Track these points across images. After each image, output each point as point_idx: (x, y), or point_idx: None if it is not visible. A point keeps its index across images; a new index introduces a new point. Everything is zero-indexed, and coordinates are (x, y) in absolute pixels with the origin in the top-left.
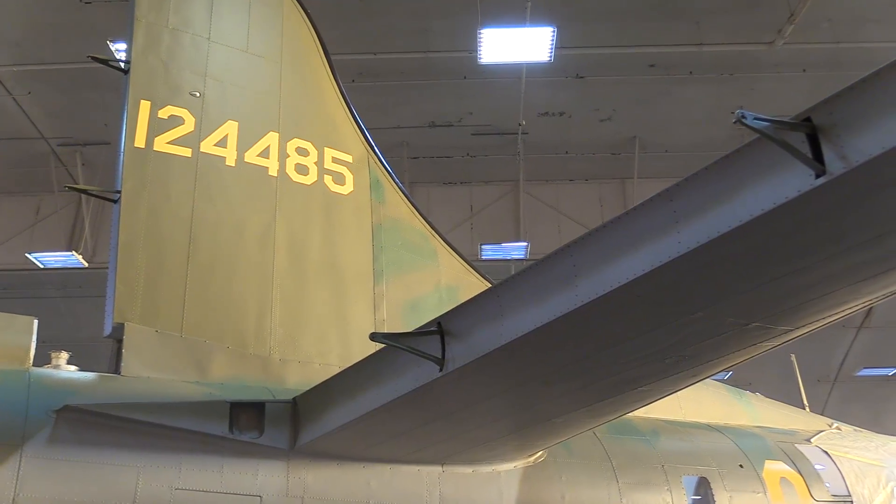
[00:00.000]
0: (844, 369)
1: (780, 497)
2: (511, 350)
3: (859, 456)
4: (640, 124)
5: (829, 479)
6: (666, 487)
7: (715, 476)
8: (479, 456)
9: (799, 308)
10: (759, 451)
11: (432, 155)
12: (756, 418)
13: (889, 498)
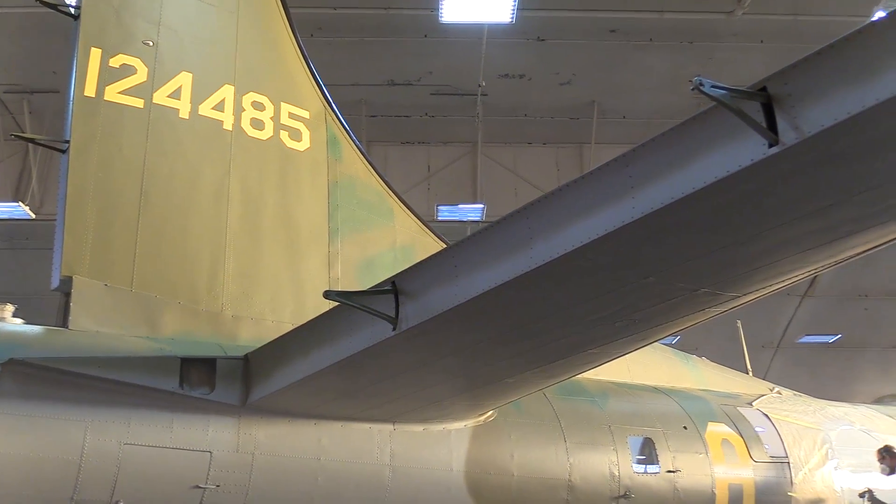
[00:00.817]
0: (787, 336)
1: (721, 458)
2: (465, 311)
3: (798, 419)
4: (599, 89)
5: (769, 441)
6: (612, 447)
7: (659, 437)
8: (430, 414)
9: (747, 275)
10: (703, 413)
11: (390, 114)
12: (701, 382)
13: (823, 459)
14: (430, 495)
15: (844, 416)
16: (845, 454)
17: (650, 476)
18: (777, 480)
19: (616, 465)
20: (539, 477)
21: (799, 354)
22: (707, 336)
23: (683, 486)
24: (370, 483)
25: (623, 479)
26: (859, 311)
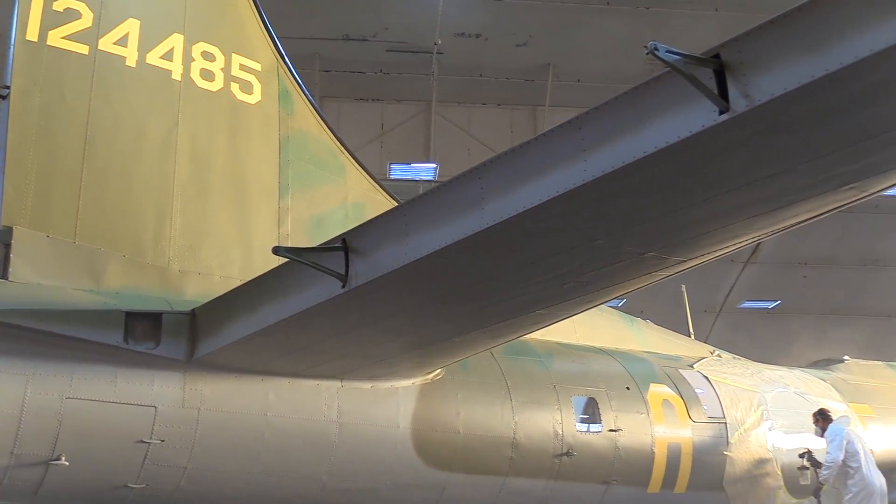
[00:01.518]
0: (729, 301)
1: (661, 418)
2: (415, 269)
3: (736, 382)
4: (555, 52)
5: (707, 403)
6: (556, 406)
7: (603, 397)
8: (378, 372)
9: (693, 240)
10: (646, 374)
11: (345, 69)
12: (645, 344)
13: (759, 420)
14: (376, 452)
15: (780, 380)
16: (779, 415)
17: (592, 435)
18: (714, 440)
19: (560, 424)
20: (484, 434)
21: (739, 319)
22: (652, 300)
23: (624, 445)
24: (317, 439)
25: (566, 438)
26: (798, 279)
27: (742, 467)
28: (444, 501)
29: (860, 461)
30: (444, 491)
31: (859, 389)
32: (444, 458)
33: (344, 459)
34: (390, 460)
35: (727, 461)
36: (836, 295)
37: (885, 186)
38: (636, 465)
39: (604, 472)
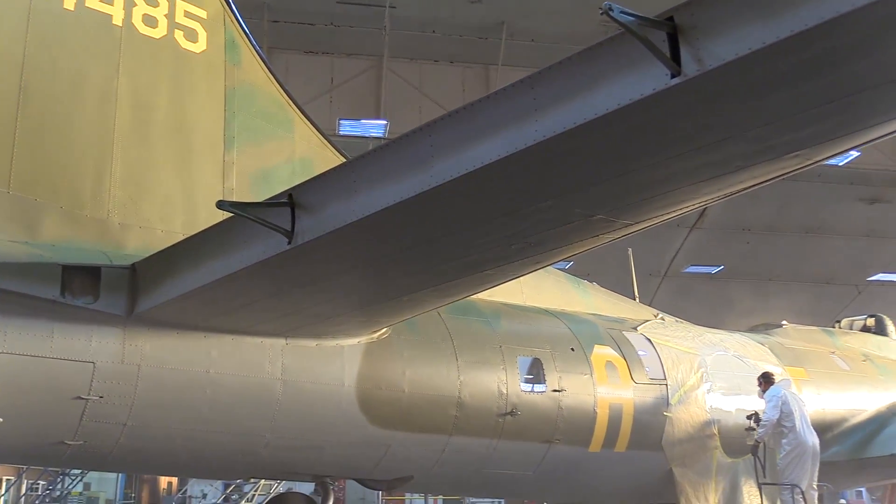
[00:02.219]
0: (674, 265)
1: (604, 379)
2: (362, 227)
3: (677, 344)
4: (509, 10)
5: (649, 364)
6: (502, 367)
7: (548, 357)
8: (323, 330)
9: (641, 204)
10: (590, 336)
11: (294, 20)
12: (590, 306)
13: (698, 382)
14: (321, 410)
15: (720, 343)
16: (718, 377)
17: (536, 395)
18: (654, 401)
19: (505, 384)
20: (429, 394)
21: (683, 283)
22: (599, 262)
23: (567, 405)
24: (261, 397)
25: (511, 397)
26: (742, 245)
27: (681, 428)
28: (389, 459)
29: (794, 421)
30: (388, 449)
31: (795, 354)
32: (388, 417)
33: (288, 417)
34: (335, 418)
35: (667, 422)
36: (777, 261)
37: (828, 155)
38: (578, 425)
39: (547, 432)
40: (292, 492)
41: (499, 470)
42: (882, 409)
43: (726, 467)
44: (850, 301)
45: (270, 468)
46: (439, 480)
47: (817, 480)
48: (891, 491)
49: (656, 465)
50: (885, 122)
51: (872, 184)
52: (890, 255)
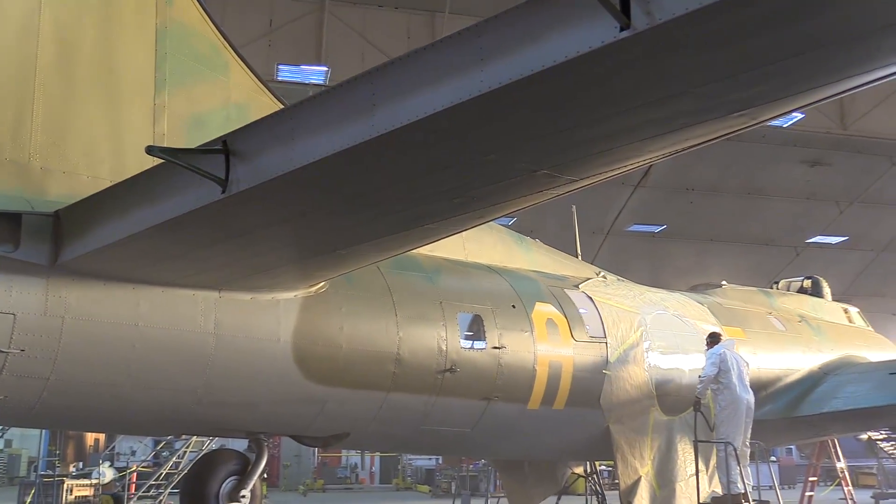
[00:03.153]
0: (617, 224)
1: (544, 336)
2: (300, 177)
3: (618, 303)
4: None
5: (590, 322)
6: (442, 323)
7: (488, 314)
8: (258, 283)
9: (586, 159)
10: (532, 293)
11: None
12: (533, 263)
13: (638, 340)
14: (255, 365)
15: (660, 302)
16: (658, 337)
17: (476, 352)
18: (594, 359)
19: (444, 340)
20: (367, 349)
21: (626, 242)
22: (542, 219)
23: (507, 362)
24: (192, 352)
25: (450, 354)
26: (685, 204)
27: (619, 386)
28: (325, 416)
29: (731, 378)
30: (324, 405)
31: (734, 314)
32: (325, 373)
33: (221, 373)
34: (270, 374)
35: (606, 380)
36: (719, 222)
37: (773, 115)
38: (517, 382)
39: (486, 389)
40: (225, 449)
41: (437, 427)
42: (815, 369)
43: (662, 425)
44: (789, 263)
45: (202, 425)
46: (376, 437)
47: (750, 438)
48: (819, 449)
49: (594, 423)
50: (830, 84)
51: (814, 146)
52: (828, 218)
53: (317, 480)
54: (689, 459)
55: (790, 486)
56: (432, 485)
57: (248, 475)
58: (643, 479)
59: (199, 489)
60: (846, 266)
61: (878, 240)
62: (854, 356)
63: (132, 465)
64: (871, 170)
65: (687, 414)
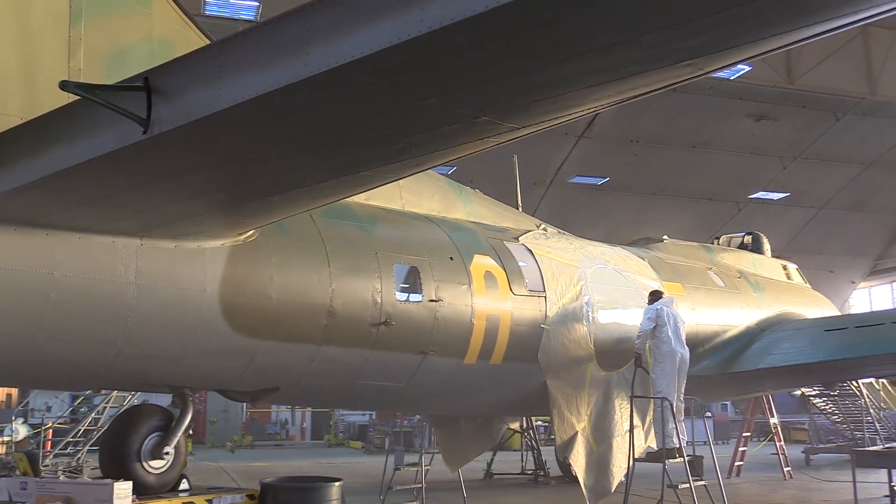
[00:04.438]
0: (560, 175)
1: (482, 289)
2: (228, 118)
3: (559, 256)
4: None
5: (529, 276)
6: (377, 274)
7: (425, 266)
8: (183, 230)
9: (530, 106)
10: (470, 245)
11: None
12: (472, 214)
13: (577, 295)
14: (179, 316)
15: (601, 256)
16: (597, 291)
17: (412, 304)
18: (532, 313)
19: (379, 293)
20: (299, 301)
21: (568, 194)
22: (483, 169)
23: (443, 316)
24: (112, 302)
25: (385, 307)
26: (629, 156)
27: (558, 341)
28: (253, 370)
29: (666, 333)
30: (253, 359)
31: (674, 269)
32: (254, 325)
33: (143, 324)
34: (195, 326)
35: (544, 334)
36: (662, 175)
37: (720, 66)
38: (454, 336)
39: (421, 343)
40: (148, 404)
41: (371, 381)
42: (752, 325)
43: (600, 380)
44: (731, 218)
45: (123, 379)
46: (308, 392)
47: (685, 393)
48: (753, 404)
49: (531, 378)
50: (777, 35)
51: (761, 100)
52: (771, 174)
53: (245, 437)
54: (625, 415)
55: (724, 441)
56: (365, 441)
57: (171, 431)
58: (580, 434)
59: (119, 446)
60: (787, 222)
61: (820, 196)
62: (791, 313)
63: (48, 421)
64: (815, 125)
65: (625, 369)
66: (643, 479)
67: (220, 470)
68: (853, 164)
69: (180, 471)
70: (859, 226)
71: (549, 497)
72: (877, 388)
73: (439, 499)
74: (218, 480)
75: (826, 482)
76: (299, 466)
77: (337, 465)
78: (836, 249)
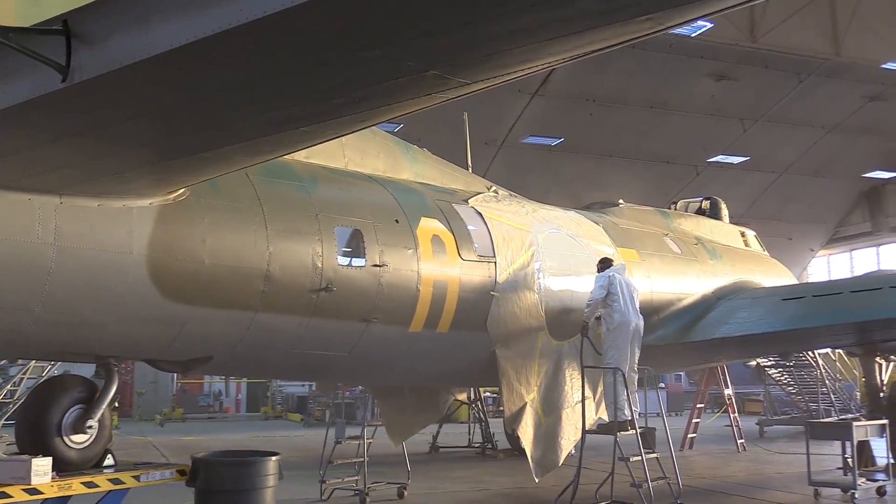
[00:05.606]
0: (513, 134)
1: (429, 254)
2: (155, 66)
3: (510, 220)
4: None
5: (478, 240)
6: (317, 237)
7: (369, 229)
8: (107, 188)
9: (481, 60)
10: (417, 207)
11: None
12: (419, 174)
13: (528, 260)
14: (103, 281)
15: (554, 220)
16: (549, 257)
17: (355, 269)
18: (482, 279)
19: (320, 257)
20: (234, 265)
21: (521, 154)
22: (431, 126)
23: (388, 282)
24: (28, 264)
25: (326, 272)
26: (584, 116)
27: (508, 308)
28: (184, 338)
29: (619, 302)
30: (184, 327)
31: (629, 234)
32: (185, 291)
33: (63, 289)
34: (121, 291)
35: (493, 301)
36: (619, 136)
37: (680, 21)
38: (399, 303)
39: (364, 310)
40: (69, 375)
41: (311, 350)
42: (708, 293)
43: (551, 350)
44: (689, 182)
45: (42, 347)
46: (243, 362)
47: (640, 363)
48: (708, 375)
49: (479, 348)
50: None
51: (722, 59)
52: (731, 137)
53: (175, 409)
54: (576, 386)
55: (678, 412)
56: (304, 413)
57: (95, 404)
58: (528, 406)
59: (38, 419)
60: (746, 187)
61: (781, 161)
62: (749, 281)
63: None
64: (777, 86)
65: (577, 339)
66: (594, 452)
67: (148, 444)
68: (815, 128)
69: (104, 446)
70: (820, 192)
71: (497, 471)
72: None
73: (382, 474)
74: (146, 456)
75: (779, 454)
76: (234, 440)
77: (274, 439)
78: (796, 216)
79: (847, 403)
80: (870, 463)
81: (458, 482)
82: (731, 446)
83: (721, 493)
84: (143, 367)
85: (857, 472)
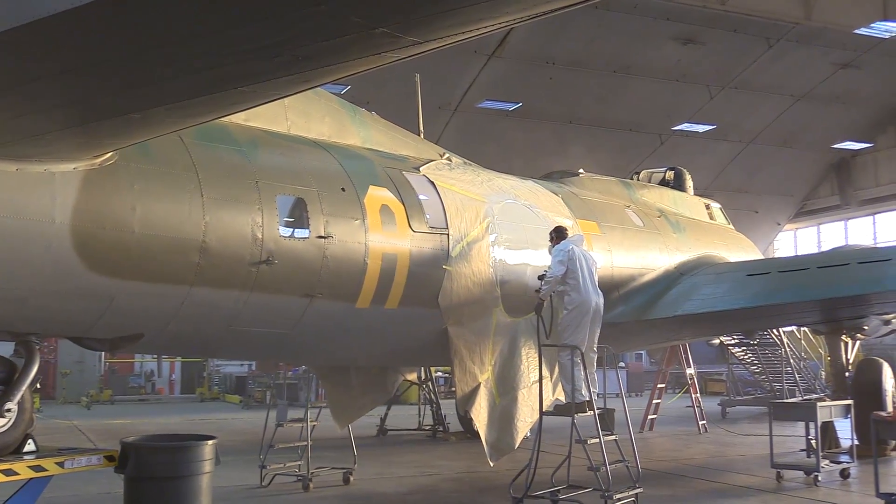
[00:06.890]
0: (467, 99)
1: (378, 225)
2: (76, 17)
3: (463, 189)
4: None
5: (430, 211)
6: (257, 206)
7: (313, 198)
8: (25, 151)
9: (433, 18)
10: (365, 175)
11: None
12: (367, 140)
13: (483, 232)
14: (22, 252)
15: (511, 190)
16: (505, 229)
17: (298, 241)
18: (433, 252)
19: (260, 227)
20: (166, 235)
21: (476, 120)
22: (381, 89)
23: (333, 254)
24: None
25: (267, 243)
26: (544, 80)
27: (461, 283)
28: (112, 314)
29: (579, 279)
30: (112, 302)
31: (590, 206)
32: (113, 263)
33: None
34: (42, 263)
35: (446, 276)
36: (580, 102)
37: None
38: (345, 278)
39: (308, 284)
40: None
41: (250, 327)
42: (671, 268)
43: (506, 327)
44: (652, 151)
45: None
46: (177, 340)
47: (599, 342)
48: (669, 354)
49: (430, 325)
50: None
51: (689, 21)
52: (697, 104)
53: (103, 391)
54: (532, 365)
55: (638, 393)
56: (243, 394)
57: (14, 385)
58: (482, 386)
59: None
60: (711, 157)
61: (748, 130)
62: (713, 256)
63: None
64: (746, 52)
65: (533, 315)
66: (550, 434)
67: (73, 428)
68: (784, 96)
69: (25, 430)
70: (787, 163)
71: (449, 455)
72: (798, 338)
73: (327, 458)
74: (71, 441)
75: (742, 436)
76: (167, 424)
77: (211, 422)
78: (763, 188)
79: (812, 383)
80: (834, 444)
81: (407, 466)
82: (693, 428)
83: (681, 475)
84: (67, 345)
85: (820, 453)
